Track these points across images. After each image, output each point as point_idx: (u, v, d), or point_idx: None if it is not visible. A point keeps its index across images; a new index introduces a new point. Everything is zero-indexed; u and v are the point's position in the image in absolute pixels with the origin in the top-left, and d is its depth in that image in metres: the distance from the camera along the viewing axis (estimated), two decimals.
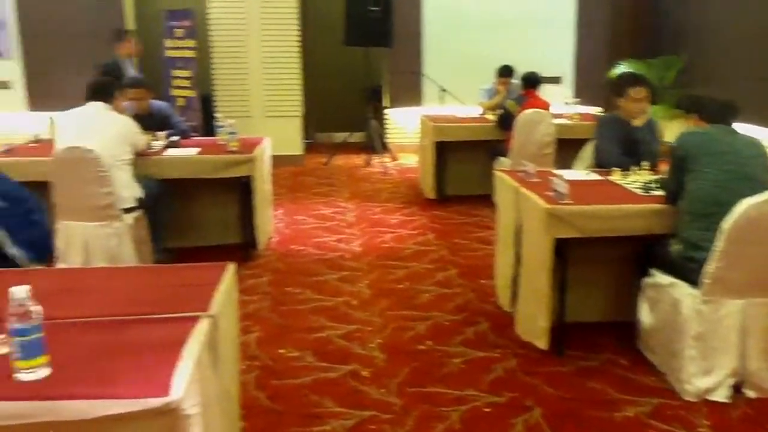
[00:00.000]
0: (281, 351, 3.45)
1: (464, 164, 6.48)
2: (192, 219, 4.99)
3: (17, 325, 1.60)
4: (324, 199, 6.62)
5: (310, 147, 8.77)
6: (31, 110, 8.23)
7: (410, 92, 8.68)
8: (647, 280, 3.24)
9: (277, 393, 3.06)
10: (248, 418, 2.73)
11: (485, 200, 6.15)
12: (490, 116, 6.49)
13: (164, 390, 1.56)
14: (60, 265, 2.97)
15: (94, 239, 4.04)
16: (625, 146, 4.03)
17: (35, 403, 1.55)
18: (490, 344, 3.54)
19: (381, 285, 4.36)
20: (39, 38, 8.22)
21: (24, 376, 1.62)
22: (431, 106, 8.21)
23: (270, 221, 5.38)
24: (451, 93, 8.02)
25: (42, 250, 2.69)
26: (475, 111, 6.90)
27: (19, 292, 1.60)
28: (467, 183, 6.47)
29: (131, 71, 6.33)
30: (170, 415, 1.55)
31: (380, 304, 4.04)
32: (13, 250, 2.58)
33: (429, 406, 2.95)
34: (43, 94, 8.17)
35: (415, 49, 8.64)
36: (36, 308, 1.62)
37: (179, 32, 7.71)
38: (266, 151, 5.15)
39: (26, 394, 1.57)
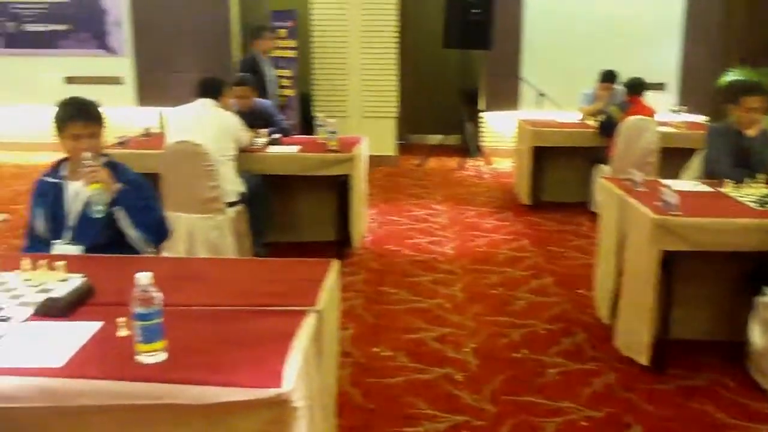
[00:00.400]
0: (375, 349, 3.48)
1: (561, 170, 6.35)
2: (289, 215, 5.10)
3: (140, 310, 1.67)
4: (417, 200, 6.62)
5: (404, 148, 8.79)
6: (140, 105, 8.63)
7: (507, 95, 8.58)
8: (761, 299, 3.07)
9: (371, 391, 3.08)
10: (342, 415, 2.75)
11: (582, 208, 6.02)
12: (591, 122, 6.33)
13: (276, 381, 1.60)
14: (164, 254, 3.09)
15: (198, 230, 4.19)
16: (737, 157, 3.85)
17: (155, 385, 1.61)
18: (588, 357, 3.44)
19: (475, 289, 4.32)
20: (150, 37, 8.61)
21: (144, 359, 1.69)
22: (528, 110, 8.08)
23: (365, 220, 5.43)
24: (549, 97, 7.87)
25: (159, 233, 2.78)
26: (574, 116, 6.74)
27: (143, 278, 1.67)
28: (564, 190, 6.33)
29: (268, 68, 6.39)
30: (281, 406, 1.58)
31: (474, 309, 4.00)
32: (132, 231, 2.68)
33: (524, 415, 2.90)
34: (151, 90, 8.56)
35: (513, 52, 8.53)
36: (158, 295, 1.69)
37: (283, 32, 7.90)
38: (364, 150, 5.21)
39: (146, 376, 1.63)
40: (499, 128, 8.68)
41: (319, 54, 8.13)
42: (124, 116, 8.07)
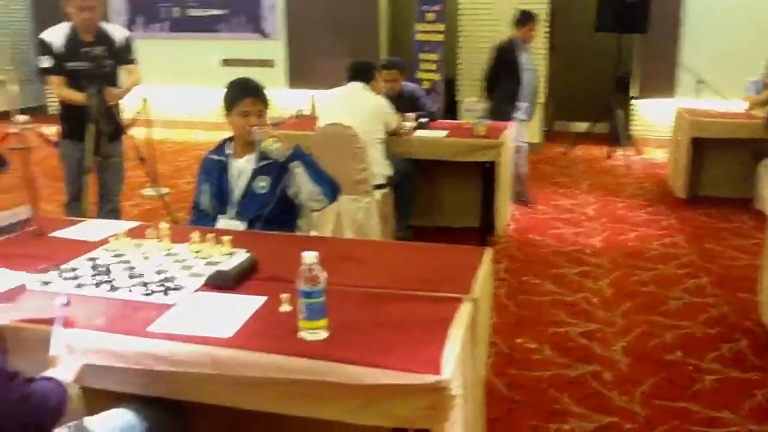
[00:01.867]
0: (519, 341, 3.41)
1: (722, 164, 5.94)
2: (432, 199, 5.11)
3: (305, 288, 1.71)
4: (562, 189, 6.43)
5: (549, 135, 8.56)
6: (291, 88, 8.94)
7: (662, 82, 8.11)
8: None
9: (515, 382, 3.03)
10: (487, 405, 2.72)
11: (743, 205, 5.60)
12: (758, 112, 5.85)
13: (435, 367, 1.59)
14: (313, 233, 3.18)
15: (345, 212, 4.28)
16: None
17: (315, 362, 1.65)
18: (750, 365, 3.20)
19: (624, 285, 4.13)
20: (302, 21, 8.88)
21: (306, 335, 1.73)
22: (684, 98, 7.61)
23: (508, 208, 5.34)
24: (709, 85, 7.35)
25: (333, 187, 2.82)
26: (738, 105, 6.25)
27: (310, 256, 1.71)
28: (724, 184, 5.92)
29: (524, 55, 5.82)
30: (438, 393, 1.57)
31: (623, 305, 3.83)
32: (310, 186, 2.75)
33: (677, 422, 2.74)
34: (302, 73, 8.84)
35: (671, 37, 8.03)
36: (322, 274, 1.72)
37: (430, 16, 7.89)
38: (511, 137, 5.10)
39: (308, 352, 1.67)
40: (652, 116, 8.24)
41: (466, 37, 8.05)
42: (275, 98, 8.41)
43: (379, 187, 4.38)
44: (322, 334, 1.74)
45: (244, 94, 2.79)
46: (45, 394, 1.50)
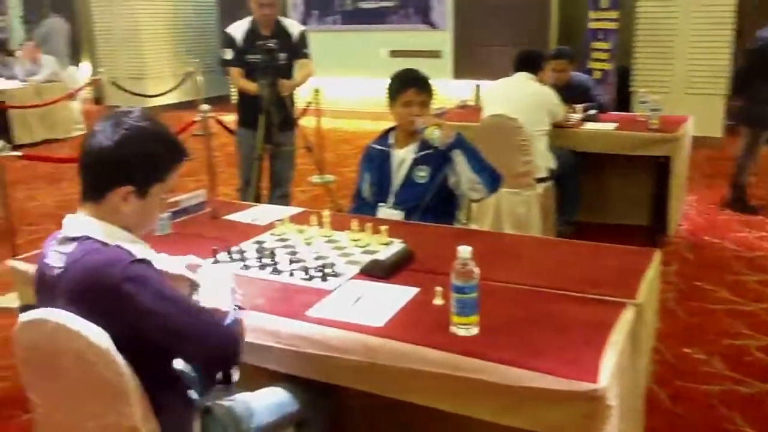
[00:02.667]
0: (687, 350, 3.18)
1: None
2: (599, 194, 4.89)
3: (458, 283, 1.69)
4: (749, 189, 5.88)
5: (730, 130, 7.88)
6: (456, 78, 8.92)
7: None
8: None
9: (680, 395, 2.83)
10: (647, 416, 2.56)
11: None
12: None
13: (592, 375, 1.51)
14: (473, 226, 3.14)
15: (505, 205, 4.20)
16: None
17: (466, 358, 1.62)
18: None
19: None
20: (470, 11, 8.81)
21: (459, 331, 1.71)
22: None
23: (681, 207, 4.99)
24: None
25: (494, 178, 2.76)
26: None
27: (464, 252, 1.69)
28: None
29: None
30: (594, 402, 1.49)
31: None
32: (470, 174, 2.70)
33: None
34: (468, 63, 8.78)
35: None
36: (476, 269, 1.69)
37: (604, 3, 7.53)
38: (689, 131, 4.75)
39: (460, 348, 1.65)
40: None
41: (643, 25, 7.59)
42: (441, 88, 8.42)
43: (541, 180, 4.25)
44: (474, 330, 1.71)
45: (407, 85, 2.81)
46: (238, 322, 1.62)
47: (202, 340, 1.52)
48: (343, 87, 9.73)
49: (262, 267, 2.15)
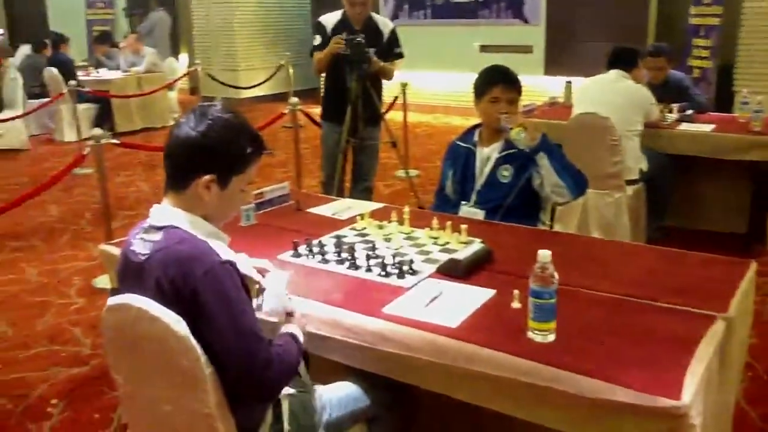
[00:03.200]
0: None
1: None
2: (692, 200, 4.67)
3: (537, 287, 1.64)
4: None
5: None
6: (546, 74, 8.72)
7: None
8: None
9: None
10: None
11: None
12: None
13: (675, 392, 1.44)
14: (556, 227, 3.06)
15: (593, 207, 4.08)
16: None
17: (543, 366, 1.58)
18: None
19: None
20: (563, 5, 8.59)
21: (535, 337, 1.67)
22: None
23: None
24: None
25: (579, 182, 2.69)
26: None
27: (544, 256, 1.64)
28: None
29: None
30: (676, 420, 1.42)
31: None
32: (554, 178, 2.64)
33: None
34: (559, 59, 8.57)
35: None
36: (555, 274, 1.65)
37: None
38: None
39: (535, 354, 1.61)
40: None
41: (749, 21, 7.20)
42: (531, 84, 8.27)
43: (631, 182, 4.10)
44: (550, 337, 1.67)
45: (494, 81, 2.77)
46: (284, 359, 1.61)
47: (245, 374, 1.51)
48: (431, 82, 9.70)
49: (341, 261, 2.17)
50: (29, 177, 6.86)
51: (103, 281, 4.14)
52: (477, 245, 2.22)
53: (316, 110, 5.36)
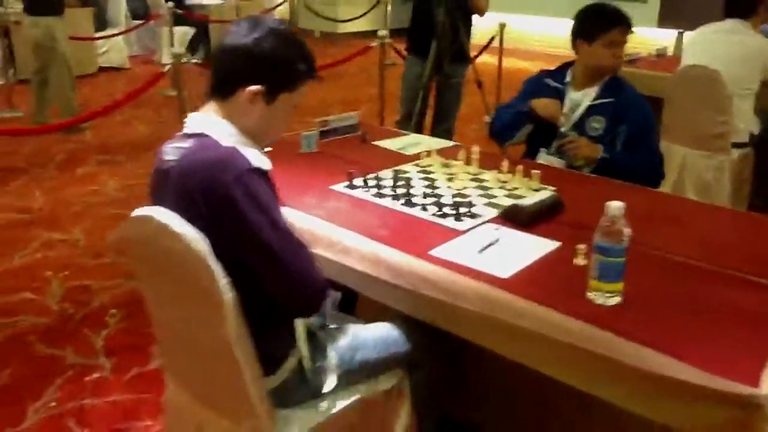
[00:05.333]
0: None
1: None
2: None
3: (603, 243, 1.44)
4: None
5: None
6: (660, 26, 8.13)
7: None
8: None
9: None
10: None
11: None
12: None
13: (752, 377, 1.22)
14: None
15: (691, 168, 3.73)
16: None
17: (602, 331, 1.39)
18: None
19: None
20: None
21: (596, 298, 1.48)
22: None
23: None
24: None
25: (648, 177, 2.45)
26: None
27: (615, 208, 1.43)
28: None
29: None
30: (750, 410, 1.21)
31: None
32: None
33: None
34: (675, 10, 7.95)
35: None
36: (627, 230, 1.44)
37: None
38: None
39: (593, 317, 1.42)
40: None
41: None
42: (642, 35, 7.72)
43: (739, 146, 3.72)
44: (614, 300, 1.47)
45: (614, 23, 2.49)
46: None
47: (291, 276, 1.42)
48: (529, 26, 9.24)
49: (396, 197, 2.02)
50: (124, 95, 6.99)
51: None
52: (546, 193, 2.02)
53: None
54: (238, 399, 1.46)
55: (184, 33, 8.23)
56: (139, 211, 1.42)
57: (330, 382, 1.60)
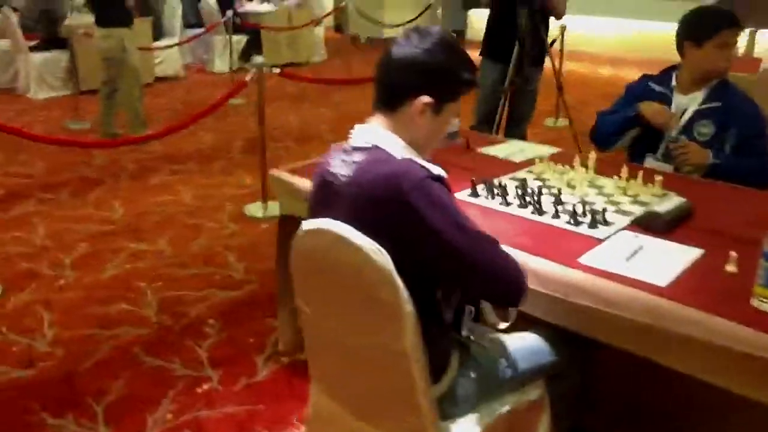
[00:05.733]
0: None
1: None
2: None
3: None
4: None
5: None
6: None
7: None
8: None
9: None
10: None
11: None
12: None
13: None
14: None
15: None
16: None
17: None
18: None
19: None
20: None
21: (762, 305, 1.45)
22: None
23: None
24: None
25: (763, 181, 2.39)
26: None
27: None
28: None
29: None
30: None
31: None
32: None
33: None
34: (744, 7, 7.78)
35: None
36: None
37: None
38: None
39: (763, 324, 1.40)
40: None
41: None
42: None
43: None
44: None
45: (723, 24, 2.46)
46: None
47: (485, 274, 1.42)
48: (592, 27, 9.11)
49: (524, 205, 2.01)
50: (183, 104, 7.10)
51: (254, 209, 4.21)
52: (676, 199, 1.99)
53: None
54: (404, 411, 1.45)
55: (237, 42, 8.32)
56: (312, 224, 1.43)
57: (484, 394, 1.59)
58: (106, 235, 3.89)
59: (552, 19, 4.12)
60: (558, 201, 1.98)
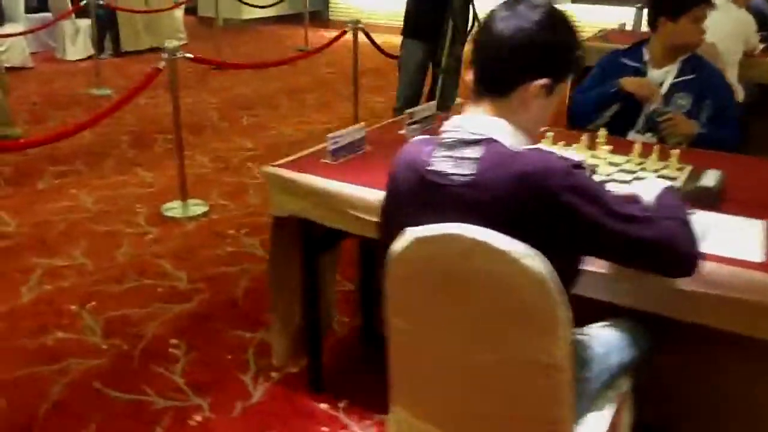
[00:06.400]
0: None
1: None
2: None
3: None
4: None
5: None
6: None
7: None
8: None
9: None
10: None
11: None
12: None
13: None
14: None
15: None
16: None
17: None
18: None
19: None
20: None
21: None
22: None
23: None
24: None
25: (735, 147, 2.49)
26: None
27: None
28: None
29: None
30: None
31: None
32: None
33: None
34: None
35: None
36: None
37: None
38: None
39: None
40: None
41: None
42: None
43: None
44: None
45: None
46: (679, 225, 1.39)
47: (651, 251, 1.30)
48: None
49: None
50: (41, 97, 6.36)
51: (173, 209, 3.82)
52: (713, 172, 1.98)
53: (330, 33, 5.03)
54: (538, 428, 1.32)
55: (87, 26, 7.56)
56: (429, 230, 1.25)
57: (596, 392, 1.50)
58: (6, 251, 3.36)
59: None
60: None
